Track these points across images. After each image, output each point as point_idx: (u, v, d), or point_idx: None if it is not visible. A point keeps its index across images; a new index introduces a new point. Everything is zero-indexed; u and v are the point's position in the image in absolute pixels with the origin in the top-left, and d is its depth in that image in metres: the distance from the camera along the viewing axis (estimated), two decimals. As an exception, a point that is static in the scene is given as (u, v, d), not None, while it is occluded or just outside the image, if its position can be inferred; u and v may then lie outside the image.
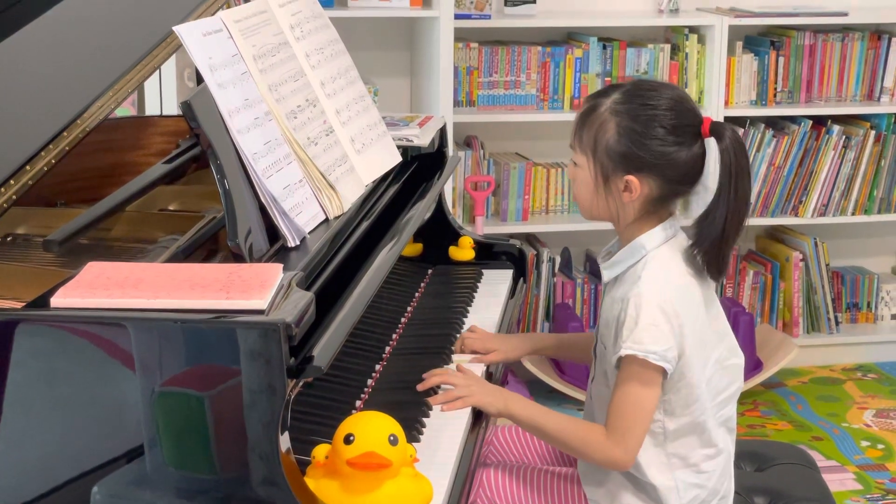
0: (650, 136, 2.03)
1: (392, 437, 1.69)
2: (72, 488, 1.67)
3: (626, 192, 2.06)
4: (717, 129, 2.05)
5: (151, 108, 3.59)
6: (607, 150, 2.05)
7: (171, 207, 2.45)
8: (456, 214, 4.06)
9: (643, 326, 1.99)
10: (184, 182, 2.60)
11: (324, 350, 1.73)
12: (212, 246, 2.10)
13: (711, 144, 2.07)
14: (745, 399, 4.04)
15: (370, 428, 1.69)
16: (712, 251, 2.05)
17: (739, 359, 2.17)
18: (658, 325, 2.00)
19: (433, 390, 2.15)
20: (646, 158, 2.03)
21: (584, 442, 2.06)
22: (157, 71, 3.45)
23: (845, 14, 4.21)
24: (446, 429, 2.05)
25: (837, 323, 4.43)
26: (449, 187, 3.92)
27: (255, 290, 1.67)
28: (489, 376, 2.34)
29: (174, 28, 1.94)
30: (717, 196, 2.03)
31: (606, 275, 2.13)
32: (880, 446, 3.79)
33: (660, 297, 2.01)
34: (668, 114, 2.04)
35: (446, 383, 2.14)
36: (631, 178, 2.04)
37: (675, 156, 2.03)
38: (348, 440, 1.67)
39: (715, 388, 2.11)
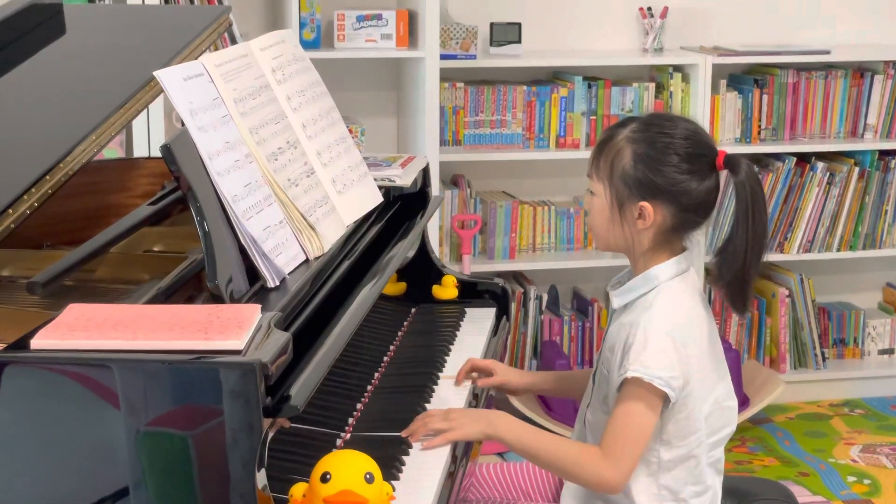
0: (665, 163, 2.07)
1: (368, 475, 1.70)
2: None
3: (640, 219, 2.09)
4: (731, 162, 2.09)
5: (139, 150, 3.62)
6: (623, 176, 2.09)
7: (155, 249, 2.48)
8: (443, 253, 4.09)
9: (651, 351, 2.02)
10: (169, 223, 2.63)
11: (301, 389, 1.76)
12: (195, 286, 2.13)
13: (724, 178, 2.11)
14: (733, 435, 4.03)
15: (346, 466, 1.70)
16: (735, 283, 2.09)
17: (734, 402, 2.20)
18: (666, 351, 2.03)
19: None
20: (660, 184, 2.07)
21: (577, 462, 2.07)
22: (146, 112, 3.50)
23: (828, 52, 4.25)
24: (426, 466, 2.06)
25: (824, 359, 4.45)
26: (436, 226, 3.96)
27: (232, 330, 1.69)
28: (475, 398, 2.36)
29: (155, 73, 1.97)
30: (735, 228, 2.07)
31: (616, 301, 2.16)
32: (867, 481, 3.80)
33: (670, 325, 2.05)
34: (684, 142, 2.08)
35: (425, 423, 2.15)
36: (645, 204, 2.08)
37: (688, 184, 2.07)
38: (325, 479, 1.69)
39: (712, 426, 2.14)
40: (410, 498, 1.94)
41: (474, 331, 2.74)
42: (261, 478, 1.64)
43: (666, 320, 2.05)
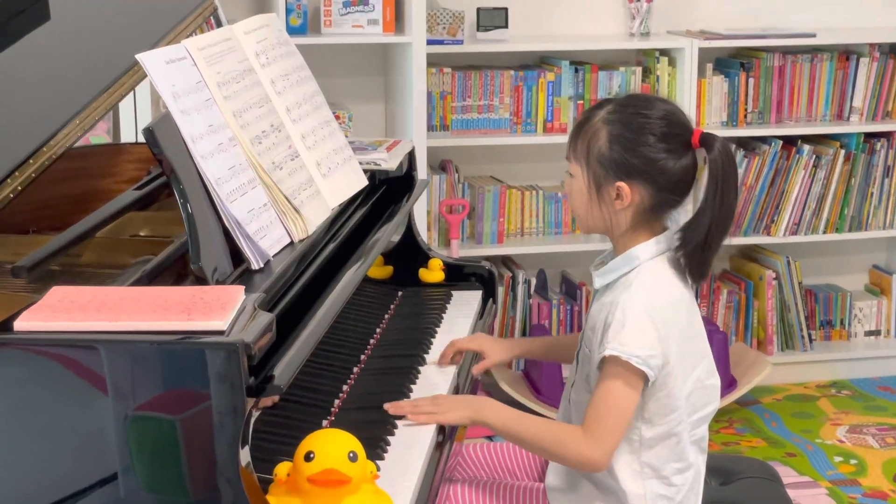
0: (641, 143, 2.08)
1: (351, 454, 1.72)
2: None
3: (617, 199, 2.11)
4: (706, 140, 2.10)
5: (127, 136, 3.63)
6: (599, 158, 2.11)
7: (141, 233, 2.48)
8: (431, 238, 4.11)
9: (630, 330, 2.04)
10: (155, 208, 2.64)
11: (285, 370, 1.77)
12: (181, 270, 2.14)
13: (700, 156, 2.12)
14: (720, 416, 4.08)
15: (329, 445, 1.72)
16: (695, 255, 2.10)
17: (716, 380, 2.22)
18: (644, 330, 2.04)
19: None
20: (636, 165, 2.08)
21: (560, 443, 2.09)
22: (132, 98, 3.50)
23: (813, 35, 4.27)
24: (411, 446, 2.08)
25: (811, 340, 4.47)
26: (424, 211, 3.97)
27: (215, 311, 1.70)
28: (455, 389, 2.38)
29: (137, 56, 1.98)
30: (704, 204, 2.09)
31: (598, 282, 2.18)
32: (853, 461, 3.82)
33: (649, 305, 2.06)
34: (659, 122, 2.10)
35: (415, 407, 2.17)
36: (622, 184, 2.10)
37: (665, 163, 2.09)
38: (308, 457, 1.70)
39: (693, 405, 2.16)
40: (395, 477, 1.95)
41: (461, 313, 2.75)
42: (244, 455, 1.65)
43: (645, 300, 2.07)
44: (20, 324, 1.69)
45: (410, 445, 2.08)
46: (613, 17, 4.36)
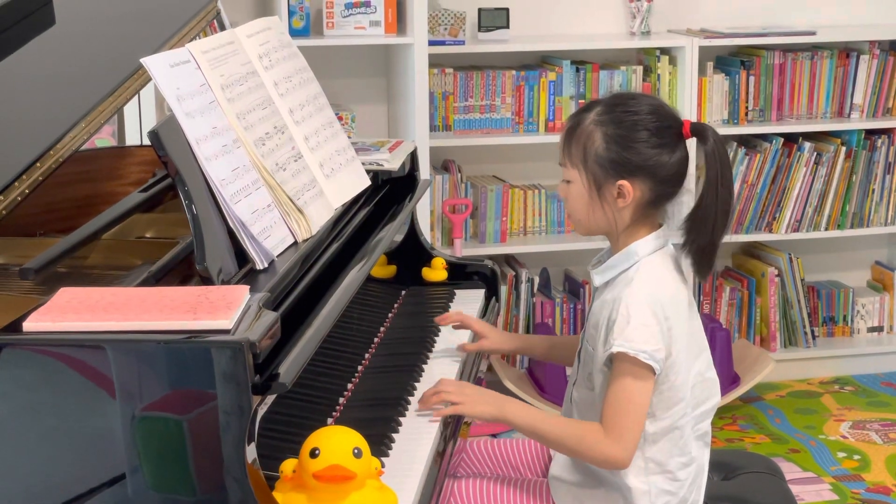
0: (636, 139, 2.11)
1: (356, 450, 1.74)
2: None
3: (619, 197, 2.13)
4: (698, 130, 2.14)
5: (132, 139, 3.65)
6: (597, 159, 2.13)
7: (147, 235, 2.51)
8: (435, 237, 4.13)
9: (634, 326, 2.06)
10: (160, 210, 2.66)
11: (290, 367, 1.79)
12: (186, 270, 2.16)
13: (691, 146, 2.15)
14: (724, 413, 4.10)
15: (334, 442, 1.74)
16: (704, 247, 2.13)
17: (715, 374, 2.24)
18: (648, 325, 2.07)
19: (406, 405, 2.21)
20: (635, 161, 2.11)
21: (582, 442, 2.12)
22: (137, 101, 3.53)
23: (814, 33, 4.29)
24: (415, 443, 2.10)
25: (814, 337, 4.49)
26: (427, 210, 3.99)
27: (221, 310, 1.73)
28: (464, 376, 2.41)
29: (142, 60, 2.00)
30: (705, 193, 2.12)
31: (598, 279, 2.20)
32: (856, 457, 3.84)
33: (651, 300, 2.09)
34: (650, 117, 2.13)
35: (439, 391, 2.19)
36: (623, 182, 2.12)
37: (661, 157, 2.12)
38: (314, 454, 1.73)
39: (697, 398, 2.18)
40: (400, 473, 1.98)
41: (464, 311, 2.77)
42: (250, 452, 1.67)
43: (647, 294, 2.09)
44: (29, 324, 1.71)
45: (415, 442, 2.10)
46: (614, 16, 4.38)
